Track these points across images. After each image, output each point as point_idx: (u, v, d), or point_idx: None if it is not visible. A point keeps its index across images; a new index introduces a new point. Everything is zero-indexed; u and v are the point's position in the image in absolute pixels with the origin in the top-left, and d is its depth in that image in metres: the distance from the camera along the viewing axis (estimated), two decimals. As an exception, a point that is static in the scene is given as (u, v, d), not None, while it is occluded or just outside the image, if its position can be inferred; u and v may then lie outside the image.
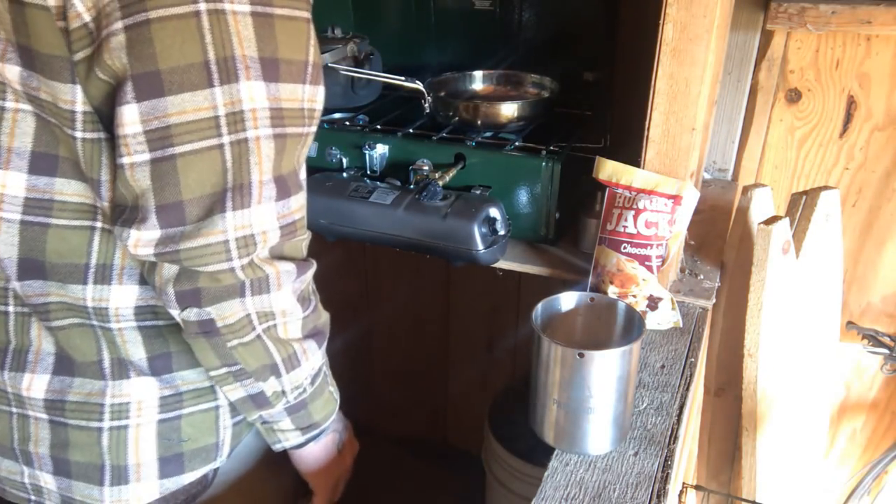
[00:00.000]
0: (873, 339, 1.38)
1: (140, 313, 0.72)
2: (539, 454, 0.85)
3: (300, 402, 0.77)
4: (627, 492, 0.73)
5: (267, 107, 0.63)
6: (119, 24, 0.57)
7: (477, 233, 1.01)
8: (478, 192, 1.09)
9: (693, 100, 0.88)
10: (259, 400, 0.74)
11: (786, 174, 1.38)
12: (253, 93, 0.61)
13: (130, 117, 0.59)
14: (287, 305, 0.70)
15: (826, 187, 1.09)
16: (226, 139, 0.61)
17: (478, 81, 1.34)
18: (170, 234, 0.62)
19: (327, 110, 1.27)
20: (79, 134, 0.63)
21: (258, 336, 0.70)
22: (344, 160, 1.18)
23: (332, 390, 0.83)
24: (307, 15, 0.65)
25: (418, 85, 1.19)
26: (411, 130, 1.19)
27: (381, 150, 1.15)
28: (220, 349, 0.69)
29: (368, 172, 1.16)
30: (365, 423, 1.02)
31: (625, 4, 1.25)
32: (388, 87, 1.29)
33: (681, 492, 0.95)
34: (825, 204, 1.08)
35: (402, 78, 1.19)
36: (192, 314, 0.67)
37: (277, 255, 0.69)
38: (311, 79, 0.67)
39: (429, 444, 2.08)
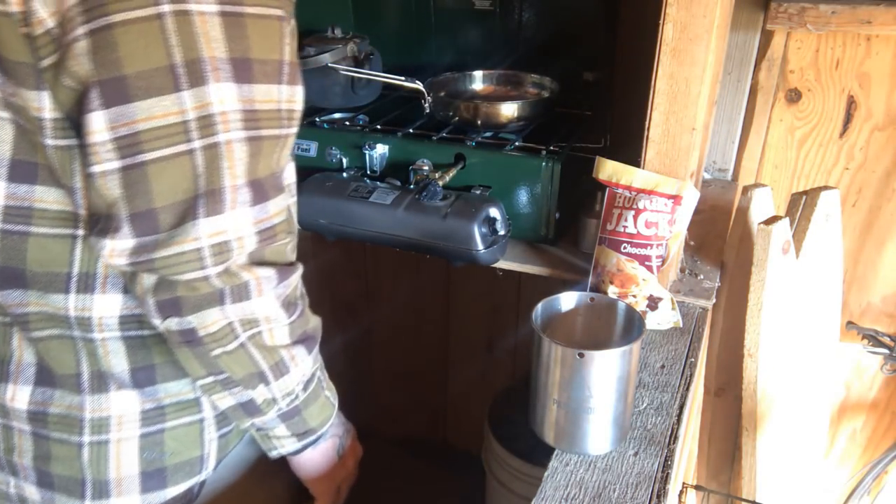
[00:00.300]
0: (873, 339, 1.38)
1: (125, 323, 0.70)
2: (539, 454, 0.85)
3: (293, 409, 0.76)
4: (627, 492, 0.73)
5: (239, 109, 0.61)
6: (82, 30, 0.55)
7: (477, 233, 1.01)
8: (478, 192, 1.09)
9: (693, 100, 0.88)
10: (249, 408, 0.73)
11: (786, 174, 1.38)
12: (223, 95, 0.59)
13: (98, 125, 0.57)
14: (270, 312, 0.69)
15: (826, 187, 1.09)
16: (196, 144, 0.59)
17: (478, 81, 1.34)
18: (143, 242, 0.61)
19: (327, 110, 1.28)
20: (49, 141, 0.62)
21: (242, 344, 0.68)
22: (344, 160, 1.18)
23: (329, 395, 0.81)
24: (280, 13, 0.63)
25: (418, 85, 1.18)
26: (411, 130, 1.19)
27: (381, 150, 1.15)
28: (204, 358, 0.68)
29: (368, 172, 1.16)
30: (364, 424, 1.01)
31: (625, 4, 1.25)
32: (388, 87, 1.29)
33: (681, 492, 0.95)
34: (825, 204, 1.08)
35: (402, 78, 1.19)
36: (173, 324, 0.65)
37: (258, 261, 0.67)
38: (289, 79, 0.65)
39: (429, 445, 2.08)
